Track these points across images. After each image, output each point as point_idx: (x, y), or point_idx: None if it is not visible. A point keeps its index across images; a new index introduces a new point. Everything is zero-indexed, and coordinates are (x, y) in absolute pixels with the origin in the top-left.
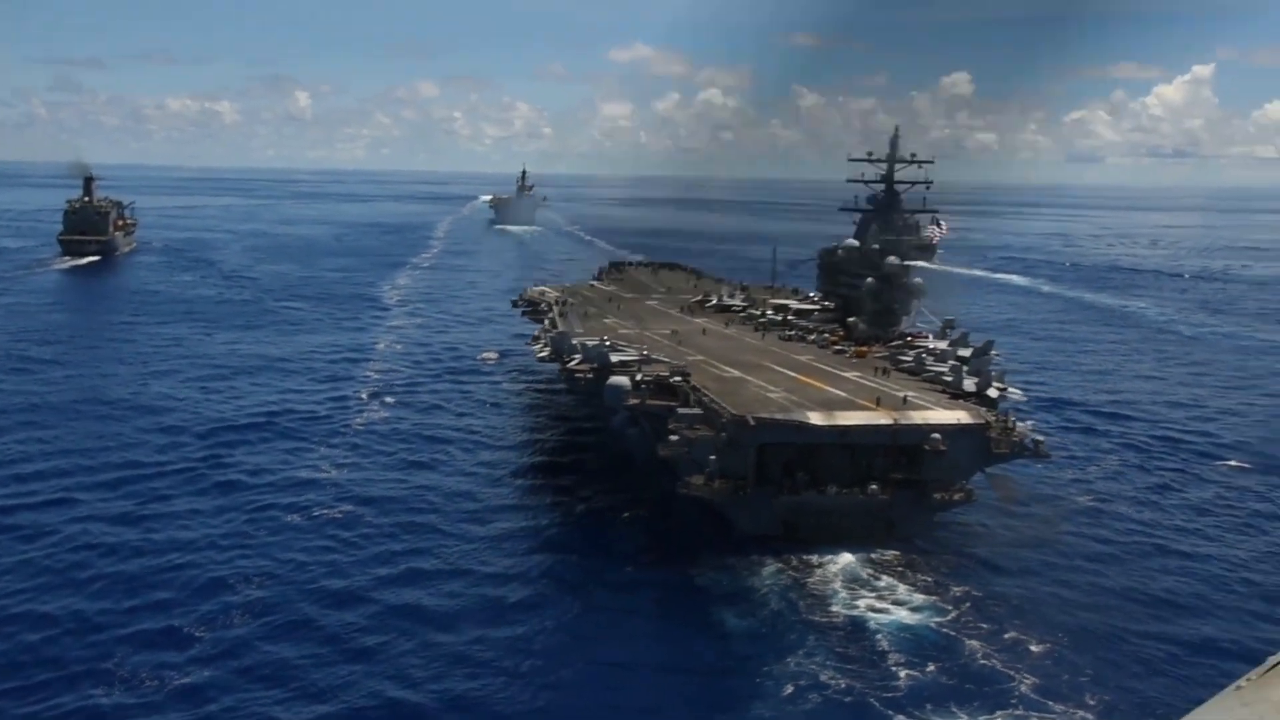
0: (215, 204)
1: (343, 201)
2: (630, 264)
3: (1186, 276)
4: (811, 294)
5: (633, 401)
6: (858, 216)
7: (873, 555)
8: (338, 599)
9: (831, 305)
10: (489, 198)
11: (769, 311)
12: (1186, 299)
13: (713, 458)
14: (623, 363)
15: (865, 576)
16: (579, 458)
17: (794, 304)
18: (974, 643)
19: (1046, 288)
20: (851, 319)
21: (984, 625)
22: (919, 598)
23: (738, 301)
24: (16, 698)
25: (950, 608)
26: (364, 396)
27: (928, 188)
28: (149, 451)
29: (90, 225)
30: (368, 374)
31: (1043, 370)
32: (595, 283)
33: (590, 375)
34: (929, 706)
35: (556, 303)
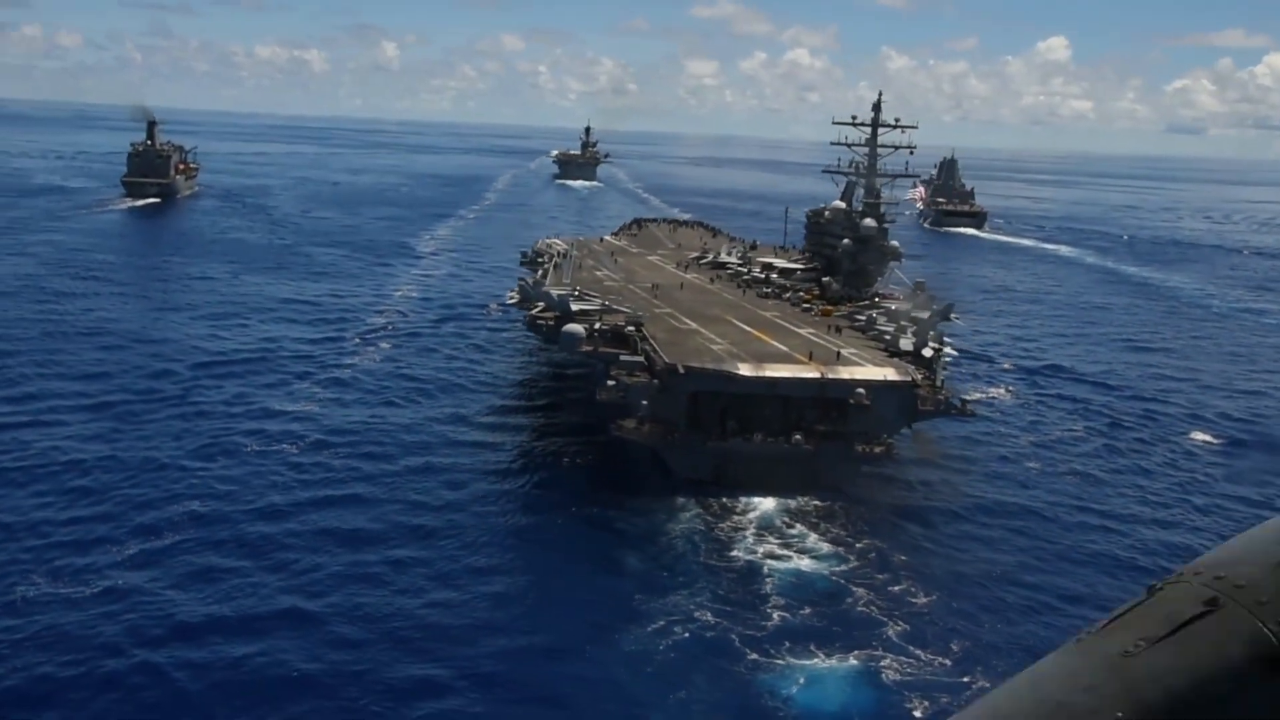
0: (291, 151)
1: (416, 152)
2: (653, 221)
3: (1244, 253)
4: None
5: (586, 348)
6: (843, 180)
7: (794, 503)
8: (270, 517)
9: (818, 266)
10: (556, 153)
11: (754, 270)
12: (1234, 275)
13: (645, 403)
14: (583, 311)
15: (779, 525)
16: (549, 401)
17: (780, 263)
18: (860, 590)
19: (1090, 259)
20: (826, 279)
21: (878, 575)
22: (825, 547)
23: (733, 259)
24: None
25: (851, 558)
26: (358, 339)
27: (911, 152)
28: (138, 377)
29: (151, 168)
30: (374, 318)
31: (1044, 338)
32: (609, 237)
33: (551, 323)
34: (786, 645)
35: (559, 254)
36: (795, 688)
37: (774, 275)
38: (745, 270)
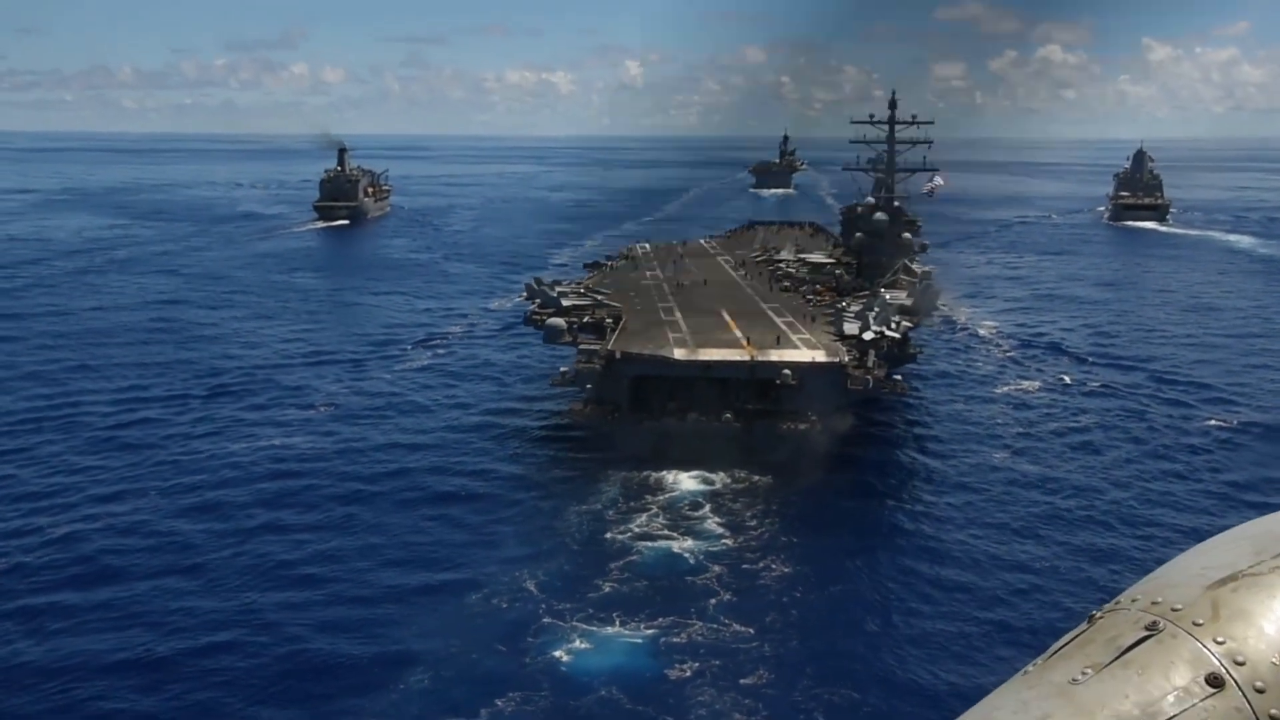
0: (507, 171)
1: (628, 168)
2: (767, 223)
3: None
4: None
5: (566, 340)
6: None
7: (718, 482)
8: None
9: (850, 261)
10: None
11: (787, 265)
12: None
13: (589, 387)
14: (576, 306)
15: (685, 505)
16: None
17: (812, 257)
18: (717, 568)
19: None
20: (839, 270)
21: (747, 554)
22: (713, 528)
23: (785, 256)
24: None
25: (733, 538)
26: (409, 345)
27: (929, 146)
28: (194, 373)
29: (341, 192)
30: (454, 327)
31: (1116, 331)
32: (704, 240)
33: (545, 318)
34: (589, 613)
35: (622, 256)
36: (567, 653)
37: (803, 270)
38: (781, 265)
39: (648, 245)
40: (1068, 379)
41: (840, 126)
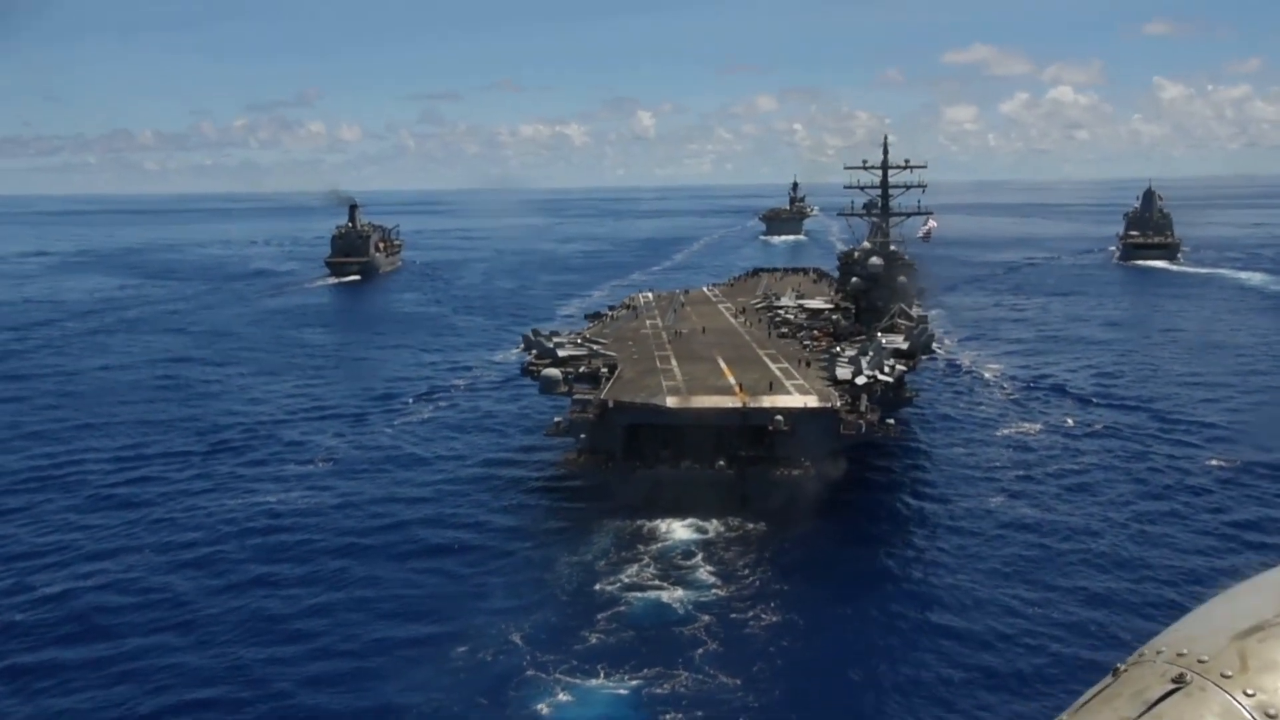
0: (519, 223)
1: (641, 218)
2: (771, 270)
3: None
4: None
5: (562, 390)
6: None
7: (711, 530)
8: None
9: (849, 306)
10: (767, 211)
11: (785, 311)
12: None
13: (583, 436)
14: (572, 357)
15: (677, 554)
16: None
17: (811, 303)
18: (706, 618)
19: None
20: (835, 315)
21: (736, 604)
22: (704, 577)
23: (785, 302)
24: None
25: (724, 588)
26: (411, 399)
27: (923, 190)
28: (195, 430)
29: (352, 248)
30: (457, 380)
31: (1116, 371)
32: (707, 288)
33: (539, 368)
34: (573, 665)
35: (624, 306)
36: (549, 705)
37: (801, 316)
38: (781, 312)
39: (650, 295)
40: (1070, 420)
41: (849, 173)
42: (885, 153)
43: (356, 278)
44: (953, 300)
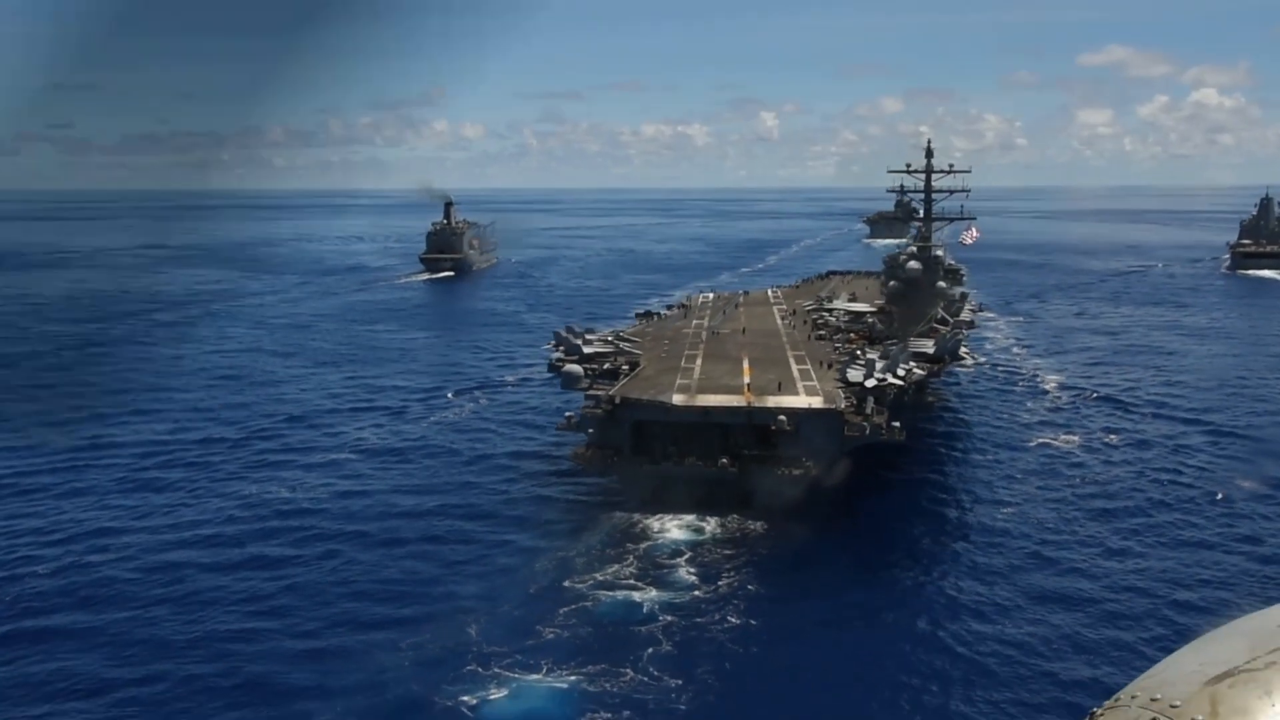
0: (627, 223)
1: (752, 219)
2: (841, 273)
3: None
4: None
5: (583, 385)
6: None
7: (709, 529)
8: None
9: (892, 310)
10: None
11: (827, 314)
12: None
13: (591, 431)
14: (597, 354)
15: (664, 554)
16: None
17: (854, 307)
18: (669, 618)
19: None
20: (871, 319)
21: (707, 606)
22: (684, 577)
23: (839, 305)
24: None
25: (702, 589)
26: (452, 392)
27: (967, 195)
28: (239, 417)
29: (446, 245)
30: (508, 375)
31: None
32: (772, 290)
33: (564, 364)
34: (517, 659)
35: (680, 306)
36: (476, 698)
37: (843, 318)
38: (826, 315)
39: (710, 295)
40: (1112, 435)
41: (978, 175)
42: (929, 155)
43: (450, 274)
44: (1033, 308)
